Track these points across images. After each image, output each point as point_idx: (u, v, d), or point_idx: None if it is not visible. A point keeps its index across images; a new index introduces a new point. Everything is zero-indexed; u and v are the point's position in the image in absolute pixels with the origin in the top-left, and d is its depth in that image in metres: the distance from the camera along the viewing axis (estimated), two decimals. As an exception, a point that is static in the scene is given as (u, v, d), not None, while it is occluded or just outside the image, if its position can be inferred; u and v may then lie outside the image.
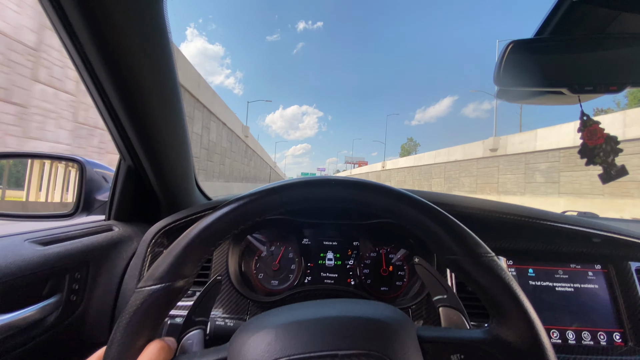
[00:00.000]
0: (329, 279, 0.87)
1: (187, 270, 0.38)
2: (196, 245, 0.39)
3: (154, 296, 0.36)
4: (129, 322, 0.35)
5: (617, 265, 0.76)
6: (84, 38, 0.55)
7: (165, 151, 0.79)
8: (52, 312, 0.65)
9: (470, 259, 0.38)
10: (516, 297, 0.36)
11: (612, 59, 0.63)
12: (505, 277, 0.37)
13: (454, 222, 0.40)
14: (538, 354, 0.34)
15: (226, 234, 0.41)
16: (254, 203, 0.41)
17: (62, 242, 0.69)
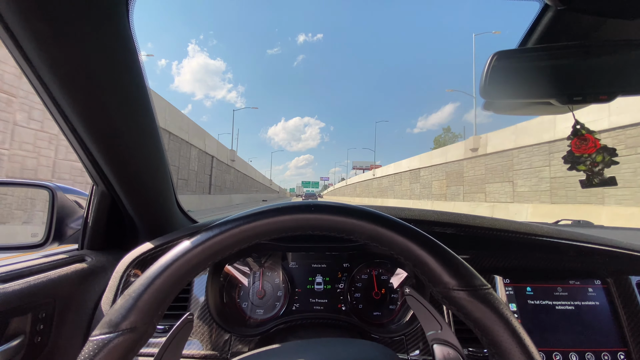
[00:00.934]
0: (318, 304, 0.82)
1: (150, 315, 0.34)
2: (160, 284, 0.34)
3: (110, 346, 0.31)
4: None
5: (617, 280, 0.73)
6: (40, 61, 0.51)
7: (139, 175, 0.75)
8: (14, 356, 0.60)
9: (465, 292, 0.35)
10: (518, 336, 0.33)
11: (601, 68, 0.61)
12: (504, 312, 0.34)
13: (445, 251, 0.37)
14: None
15: (194, 271, 0.36)
16: (225, 234, 0.36)
17: (26, 278, 0.64)
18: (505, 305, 0.35)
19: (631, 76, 0.61)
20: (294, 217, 0.38)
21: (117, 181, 0.73)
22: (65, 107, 0.57)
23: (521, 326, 0.34)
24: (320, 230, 0.39)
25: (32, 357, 0.62)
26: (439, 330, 0.43)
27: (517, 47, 0.69)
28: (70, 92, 0.55)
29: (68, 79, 0.53)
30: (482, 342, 0.35)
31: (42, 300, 0.64)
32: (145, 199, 0.82)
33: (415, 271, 0.38)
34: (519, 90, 0.63)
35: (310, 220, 0.38)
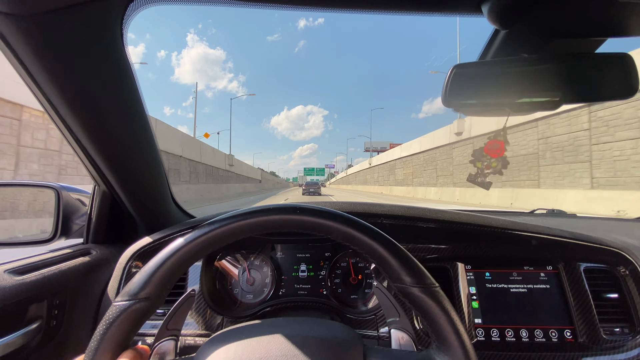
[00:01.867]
0: (302, 289, 0.91)
1: (159, 289, 0.42)
2: (168, 265, 0.43)
3: (128, 311, 0.40)
4: (104, 333, 0.39)
5: (568, 266, 0.82)
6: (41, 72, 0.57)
7: (135, 175, 0.83)
8: (34, 337, 0.69)
9: (417, 289, 0.43)
10: (455, 327, 0.41)
11: (547, 79, 0.68)
12: (447, 308, 0.42)
13: (405, 253, 0.45)
14: None
15: (197, 256, 0.45)
16: (224, 227, 0.44)
17: (40, 270, 0.72)
18: (448, 302, 0.43)
19: (574, 86, 0.68)
20: (281, 217, 0.46)
21: (116, 181, 0.81)
22: (66, 116, 0.65)
23: (459, 319, 0.42)
24: (303, 230, 0.47)
25: (49, 339, 0.72)
26: (397, 318, 0.51)
27: (475, 61, 0.75)
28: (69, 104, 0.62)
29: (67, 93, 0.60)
30: (427, 329, 0.44)
31: (56, 289, 0.73)
32: (142, 197, 0.90)
33: (379, 268, 0.46)
34: (475, 100, 0.71)
35: (295, 220, 0.46)
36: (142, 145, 0.81)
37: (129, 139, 0.77)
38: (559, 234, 0.83)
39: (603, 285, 0.80)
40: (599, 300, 0.79)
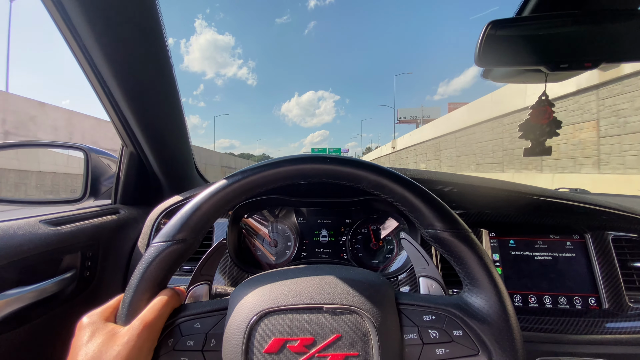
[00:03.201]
0: (323, 254, 0.92)
1: (195, 232, 0.44)
2: (204, 210, 0.44)
3: (166, 251, 0.42)
4: (144, 271, 0.41)
5: (595, 235, 0.80)
6: (87, 38, 0.60)
7: (164, 137, 0.84)
8: (69, 285, 0.72)
9: (449, 233, 0.43)
10: (487, 268, 0.41)
11: (587, 37, 0.66)
12: (479, 250, 0.42)
13: (436, 199, 0.45)
14: (503, 318, 0.39)
15: (231, 202, 0.45)
16: (257, 175, 0.45)
17: (74, 223, 0.75)
18: (479, 245, 0.43)
19: (614, 44, 0.66)
20: (313, 167, 0.46)
21: (146, 142, 0.83)
22: (107, 78, 0.67)
23: (492, 261, 0.42)
24: (333, 179, 0.46)
25: (83, 287, 0.75)
26: (425, 267, 0.51)
27: (512, 17, 0.73)
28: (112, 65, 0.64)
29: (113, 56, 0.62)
30: (459, 273, 0.44)
31: (88, 242, 0.76)
32: (168, 160, 0.92)
33: (410, 216, 0.46)
34: (510, 58, 0.68)
35: (326, 169, 0.46)
36: (171, 110, 0.83)
37: (160, 102, 0.79)
38: (589, 202, 0.81)
39: (630, 254, 0.79)
40: (626, 269, 0.77)
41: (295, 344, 0.38)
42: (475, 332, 0.39)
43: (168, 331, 0.41)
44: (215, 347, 0.40)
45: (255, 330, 0.39)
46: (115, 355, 0.35)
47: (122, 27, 0.62)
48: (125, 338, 0.37)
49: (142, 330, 0.37)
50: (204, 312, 0.43)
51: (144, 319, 0.38)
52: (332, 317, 0.39)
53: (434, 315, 0.41)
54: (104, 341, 0.37)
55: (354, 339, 0.38)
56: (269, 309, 0.39)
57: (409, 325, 0.41)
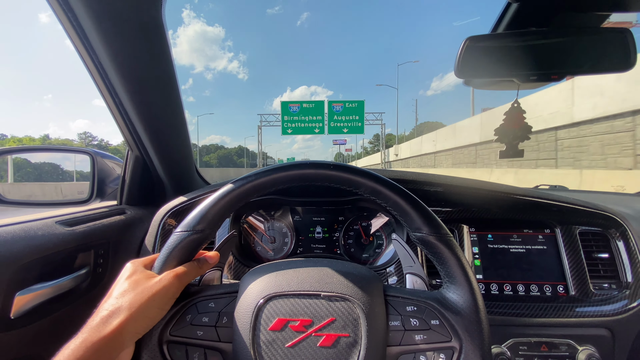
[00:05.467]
0: (318, 249, 1.00)
1: (212, 224, 0.51)
2: (221, 204, 0.51)
3: (187, 240, 0.49)
4: (168, 256, 0.48)
5: (564, 229, 0.89)
6: (97, 47, 0.65)
7: (168, 142, 0.90)
8: (83, 281, 0.78)
9: (434, 237, 0.50)
10: (464, 268, 0.48)
11: (554, 52, 0.73)
12: (457, 252, 0.49)
13: (424, 207, 0.52)
14: (474, 312, 0.46)
15: (244, 200, 0.52)
16: (268, 177, 0.52)
17: (86, 223, 0.81)
18: (459, 248, 0.50)
19: (579, 59, 0.73)
20: (317, 172, 0.53)
21: (151, 146, 0.89)
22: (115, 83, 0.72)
23: (468, 263, 0.50)
24: (335, 184, 0.53)
25: (96, 283, 0.81)
26: (411, 265, 0.58)
27: (487, 33, 0.80)
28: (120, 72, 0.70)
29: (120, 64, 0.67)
30: (440, 272, 0.51)
31: (100, 240, 0.82)
32: (172, 163, 0.98)
33: (400, 219, 0.53)
34: (486, 70, 0.76)
35: (329, 175, 0.52)
36: (174, 116, 0.89)
37: (164, 109, 0.85)
38: (560, 199, 0.89)
39: (595, 246, 0.88)
40: (591, 259, 0.86)
41: (296, 323, 0.45)
42: (450, 322, 0.47)
43: (187, 308, 0.48)
44: (226, 324, 0.47)
45: (262, 311, 0.46)
46: (146, 288, 0.44)
47: (131, 40, 0.67)
48: (157, 279, 0.45)
49: (171, 278, 0.46)
50: (218, 294, 0.50)
51: (174, 271, 0.47)
52: (328, 303, 0.46)
53: (416, 306, 0.49)
54: (140, 279, 0.45)
55: (346, 322, 0.45)
56: (274, 293, 0.47)
57: (393, 314, 0.48)
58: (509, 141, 0.83)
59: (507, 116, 0.84)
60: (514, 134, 0.82)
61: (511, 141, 0.82)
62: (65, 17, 0.63)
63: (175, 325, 0.47)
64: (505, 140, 0.83)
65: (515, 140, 0.81)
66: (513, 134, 0.82)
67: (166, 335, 0.46)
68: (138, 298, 0.42)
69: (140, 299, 0.42)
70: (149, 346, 0.45)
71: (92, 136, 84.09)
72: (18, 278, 0.63)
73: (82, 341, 0.38)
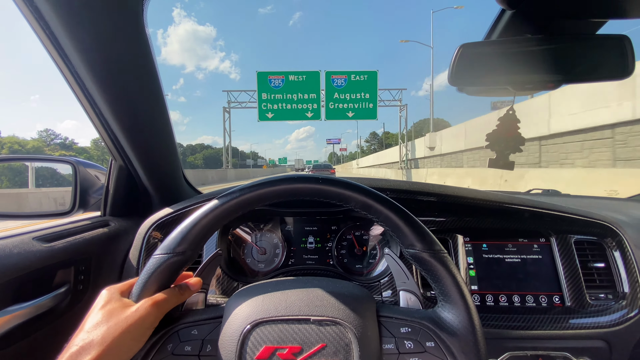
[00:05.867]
0: (310, 260, 0.97)
1: (193, 244, 0.48)
2: (203, 224, 0.48)
3: (167, 263, 0.46)
4: (146, 281, 0.46)
5: (560, 238, 0.87)
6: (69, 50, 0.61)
7: (153, 150, 0.87)
8: (63, 300, 0.74)
9: (428, 254, 0.47)
10: (459, 287, 0.46)
11: (550, 60, 0.72)
12: (452, 270, 0.47)
13: (417, 222, 0.49)
14: (470, 332, 0.44)
15: (228, 218, 0.49)
16: (254, 192, 0.49)
17: (66, 238, 0.77)
18: (454, 266, 0.48)
19: (575, 66, 0.72)
20: (306, 186, 0.50)
21: (134, 156, 0.85)
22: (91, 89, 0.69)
23: (464, 281, 0.47)
24: (324, 198, 0.51)
25: (77, 301, 0.77)
26: (405, 282, 0.56)
27: (481, 40, 0.78)
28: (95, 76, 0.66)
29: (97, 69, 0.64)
30: (434, 290, 0.49)
31: (81, 256, 0.78)
32: (157, 172, 0.94)
33: (392, 235, 0.50)
34: (480, 79, 0.74)
35: (318, 189, 0.50)
36: (159, 123, 0.85)
37: (148, 116, 0.81)
38: (554, 208, 0.88)
39: (591, 255, 0.87)
40: (587, 269, 0.85)
41: (285, 351, 0.42)
42: (446, 344, 0.44)
43: (167, 337, 0.45)
44: (211, 352, 0.45)
45: (248, 338, 0.43)
46: (121, 320, 0.41)
47: (108, 42, 0.64)
48: (133, 309, 0.42)
49: (149, 306, 0.43)
50: (201, 320, 0.47)
51: (153, 298, 0.44)
52: (318, 327, 0.44)
53: (410, 327, 0.46)
54: (114, 309, 0.42)
55: (337, 348, 0.42)
56: (261, 319, 0.44)
57: (387, 336, 0.46)
58: (500, 149, 0.80)
59: (500, 122, 0.82)
60: (506, 143, 0.79)
61: (503, 150, 0.80)
62: (38, 25, 0.59)
63: (155, 356, 0.44)
64: (496, 147, 0.81)
65: (507, 150, 0.79)
66: (505, 142, 0.79)
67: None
68: (111, 331, 0.40)
69: (113, 332, 0.40)
70: None
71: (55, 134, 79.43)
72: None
73: None
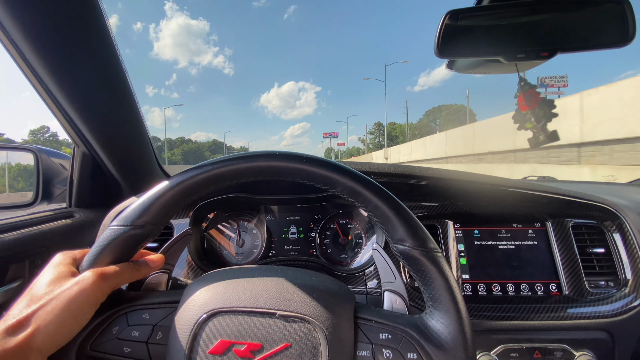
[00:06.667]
0: (292, 250, 0.91)
1: (156, 219, 0.42)
2: (167, 197, 0.42)
3: (124, 236, 0.41)
4: (97, 255, 0.41)
5: (556, 223, 0.82)
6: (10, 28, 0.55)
7: (117, 134, 0.80)
8: (15, 295, 0.68)
9: (419, 251, 0.41)
10: (452, 291, 0.40)
11: (543, 27, 0.66)
12: (447, 273, 0.40)
13: (410, 215, 0.43)
14: (460, 346, 0.38)
15: (196, 193, 0.43)
16: (227, 167, 0.43)
17: (20, 230, 0.70)
18: (447, 268, 0.41)
19: (570, 34, 0.66)
20: (287, 165, 0.43)
21: (96, 141, 0.78)
22: (41, 72, 0.61)
23: (458, 286, 0.40)
24: (308, 180, 0.44)
25: None
26: (392, 282, 0.49)
27: (470, 6, 0.72)
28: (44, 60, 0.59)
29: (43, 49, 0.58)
30: (423, 293, 0.42)
31: (37, 249, 0.72)
32: (124, 158, 0.87)
33: (381, 227, 0.44)
34: (468, 49, 0.68)
35: (301, 170, 0.43)
36: (124, 106, 0.78)
37: (108, 98, 0.74)
38: (551, 190, 0.82)
39: (590, 241, 0.81)
40: (585, 255, 0.79)
41: (242, 348, 0.36)
42: (430, 357, 0.38)
43: (114, 319, 0.40)
44: (160, 340, 0.39)
45: (203, 329, 0.37)
46: (62, 292, 0.37)
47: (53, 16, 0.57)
48: (74, 281, 0.38)
49: (95, 278, 0.38)
50: (155, 303, 0.42)
51: (100, 270, 0.40)
52: (284, 324, 0.38)
53: (391, 334, 0.40)
54: (55, 279, 0.38)
55: (303, 350, 0.36)
56: (220, 308, 0.38)
57: (363, 342, 0.39)
58: (534, 125, 0.71)
59: (519, 99, 0.74)
60: (535, 116, 0.71)
61: (536, 125, 0.71)
62: None
63: (98, 338, 0.39)
64: (527, 126, 0.71)
65: (540, 122, 0.70)
66: (535, 115, 0.71)
67: (86, 350, 0.38)
68: (51, 306, 0.36)
69: (54, 306, 0.35)
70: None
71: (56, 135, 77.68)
72: None
73: None
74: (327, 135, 59.51)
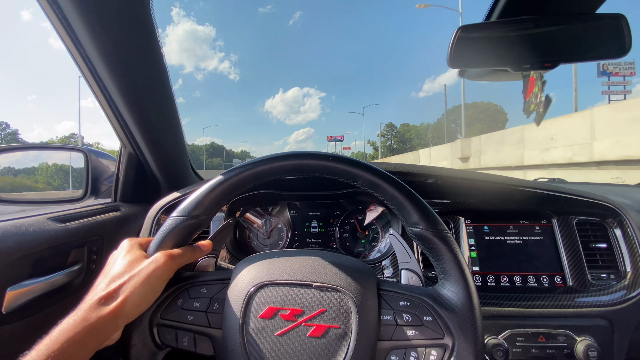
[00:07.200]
0: (314, 243, 0.99)
1: (208, 210, 0.51)
2: (218, 191, 0.51)
3: (182, 225, 0.49)
4: (162, 240, 0.49)
5: (561, 220, 0.88)
6: (87, 45, 0.65)
7: (161, 138, 0.90)
8: (76, 277, 0.78)
9: (431, 232, 0.49)
10: (460, 265, 0.47)
11: (547, 39, 0.73)
12: (454, 249, 0.48)
13: (422, 201, 0.51)
14: (468, 309, 0.45)
15: (241, 187, 0.52)
16: (267, 165, 0.51)
17: (79, 220, 0.80)
18: (456, 245, 0.49)
19: (571, 46, 0.73)
20: (316, 162, 0.52)
21: (144, 143, 0.88)
22: (107, 82, 0.72)
23: (465, 260, 0.48)
24: (333, 175, 0.52)
25: (89, 279, 0.81)
26: (407, 261, 0.57)
27: (480, 22, 0.79)
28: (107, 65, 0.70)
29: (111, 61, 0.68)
30: (435, 268, 0.50)
31: (93, 237, 0.82)
32: (166, 159, 0.97)
33: (397, 213, 0.52)
34: (479, 60, 0.75)
35: (327, 166, 0.52)
36: (167, 111, 0.89)
37: (156, 105, 0.84)
38: (557, 189, 0.88)
39: (593, 236, 0.87)
40: (588, 249, 0.85)
41: (287, 312, 0.44)
42: (443, 319, 0.45)
43: (178, 293, 0.48)
44: (217, 310, 0.47)
45: (253, 298, 0.45)
46: (140, 270, 0.44)
47: (120, 35, 0.67)
48: (151, 259, 0.45)
49: (165, 258, 0.46)
50: (210, 280, 0.50)
51: (168, 252, 0.47)
52: (319, 293, 0.46)
53: (409, 301, 0.48)
54: (134, 260, 0.46)
55: (337, 313, 0.44)
56: (266, 281, 0.46)
57: (386, 308, 0.47)
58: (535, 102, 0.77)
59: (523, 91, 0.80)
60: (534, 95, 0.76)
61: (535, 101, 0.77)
62: (53, 14, 0.63)
63: (166, 309, 0.48)
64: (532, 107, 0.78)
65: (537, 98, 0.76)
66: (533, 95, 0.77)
67: (157, 318, 0.47)
68: (134, 281, 0.43)
69: (136, 281, 0.43)
70: (140, 328, 0.45)
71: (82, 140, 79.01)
72: (9, 273, 0.63)
73: (81, 319, 0.39)
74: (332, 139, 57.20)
